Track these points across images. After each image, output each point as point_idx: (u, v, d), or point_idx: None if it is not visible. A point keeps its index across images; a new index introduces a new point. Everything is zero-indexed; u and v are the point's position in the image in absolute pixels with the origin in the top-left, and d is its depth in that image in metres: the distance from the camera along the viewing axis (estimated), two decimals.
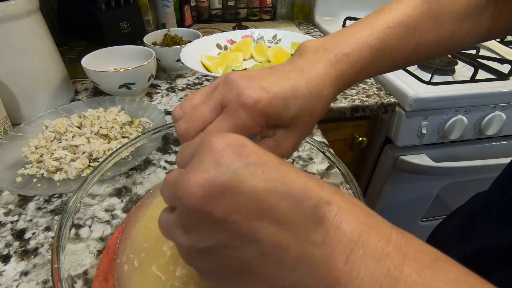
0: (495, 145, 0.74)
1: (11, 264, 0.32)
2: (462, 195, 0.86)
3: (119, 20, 0.79)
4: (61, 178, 0.40)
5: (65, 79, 0.59)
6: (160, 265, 0.27)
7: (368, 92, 0.66)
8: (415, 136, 0.68)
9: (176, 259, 0.28)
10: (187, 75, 0.72)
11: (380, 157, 0.76)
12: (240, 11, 1.11)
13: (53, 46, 0.56)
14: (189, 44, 0.57)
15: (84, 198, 0.28)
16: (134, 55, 0.63)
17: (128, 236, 0.30)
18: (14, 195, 0.40)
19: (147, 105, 0.54)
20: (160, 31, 0.73)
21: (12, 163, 0.42)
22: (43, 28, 0.54)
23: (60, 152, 0.41)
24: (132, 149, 0.33)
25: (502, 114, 0.66)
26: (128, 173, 0.36)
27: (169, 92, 0.65)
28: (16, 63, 0.49)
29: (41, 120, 0.48)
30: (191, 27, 0.98)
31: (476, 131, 0.70)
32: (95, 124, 0.46)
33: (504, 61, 0.72)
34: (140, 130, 0.49)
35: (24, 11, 0.48)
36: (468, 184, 0.81)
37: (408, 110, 0.63)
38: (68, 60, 0.78)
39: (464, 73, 0.70)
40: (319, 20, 1.08)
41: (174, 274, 0.27)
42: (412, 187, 0.78)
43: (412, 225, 0.89)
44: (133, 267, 0.28)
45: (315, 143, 0.33)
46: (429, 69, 0.71)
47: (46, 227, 0.36)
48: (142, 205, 0.34)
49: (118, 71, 0.54)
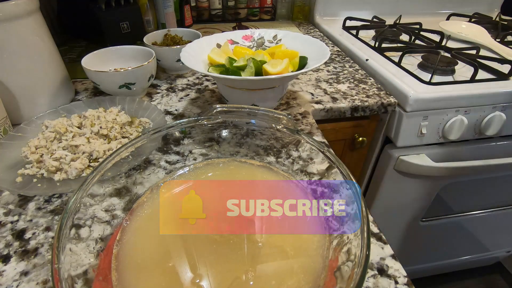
0: (495, 145, 0.74)
1: (11, 264, 0.32)
2: (462, 195, 0.87)
3: (119, 20, 0.79)
4: (61, 178, 0.40)
5: (65, 79, 0.59)
6: (160, 265, 0.27)
7: (368, 92, 0.66)
8: (415, 136, 0.68)
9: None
10: (187, 75, 0.72)
11: (380, 157, 0.76)
12: (240, 11, 1.11)
13: (53, 46, 0.56)
14: (189, 44, 0.57)
15: (84, 198, 0.28)
16: (134, 55, 0.63)
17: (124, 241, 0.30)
18: (14, 195, 0.40)
19: (147, 105, 0.54)
20: (160, 31, 0.73)
21: (12, 163, 0.42)
22: (43, 28, 0.54)
23: (60, 152, 0.41)
24: (132, 149, 0.33)
25: (502, 114, 0.66)
26: (128, 173, 0.36)
27: (169, 92, 0.65)
28: (16, 63, 0.49)
29: (41, 120, 0.48)
30: (191, 27, 0.98)
31: (476, 131, 0.70)
32: (95, 124, 0.46)
33: (504, 61, 0.71)
34: (140, 130, 0.49)
35: (24, 11, 0.48)
36: (468, 184, 0.81)
37: (408, 110, 0.63)
38: (68, 60, 0.78)
39: (464, 73, 0.70)
40: (319, 20, 1.08)
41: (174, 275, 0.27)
42: (412, 187, 0.78)
43: (412, 225, 0.89)
44: (132, 268, 0.28)
45: (315, 143, 0.33)
46: (429, 69, 0.71)
47: (46, 227, 0.36)
48: (139, 206, 0.34)
49: (118, 71, 0.54)
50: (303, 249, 0.30)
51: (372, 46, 0.84)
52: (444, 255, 1.09)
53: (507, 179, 0.82)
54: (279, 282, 0.27)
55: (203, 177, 0.38)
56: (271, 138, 0.41)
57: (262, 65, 0.50)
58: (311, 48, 0.55)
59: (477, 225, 0.97)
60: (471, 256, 1.13)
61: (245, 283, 0.26)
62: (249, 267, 0.28)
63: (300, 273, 0.27)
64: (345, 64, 0.80)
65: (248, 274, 0.27)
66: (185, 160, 0.42)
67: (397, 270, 0.33)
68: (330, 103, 0.62)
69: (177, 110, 0.59)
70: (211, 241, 0.30)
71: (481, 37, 0.89)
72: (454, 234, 0.99)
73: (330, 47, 0.89)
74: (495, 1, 1.17)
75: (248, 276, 0.27)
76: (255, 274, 0.27)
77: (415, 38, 0.90)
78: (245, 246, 0.29)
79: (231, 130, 0.41)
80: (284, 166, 0.39)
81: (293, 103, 0.61)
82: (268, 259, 0.29)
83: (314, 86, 0.68)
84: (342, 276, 0.25)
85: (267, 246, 0.30)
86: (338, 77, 0.73)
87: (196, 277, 0.27)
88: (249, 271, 0.27)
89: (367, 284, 0.31)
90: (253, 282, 0.27)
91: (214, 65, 0.54)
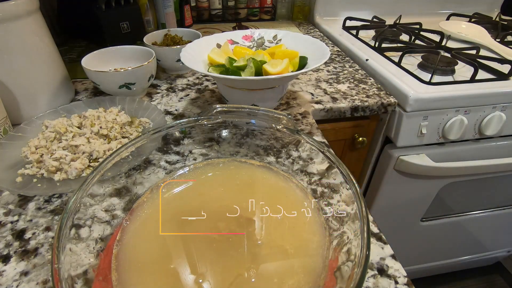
0: (495, 145, 0.74)
1: (11, 264, 0.32)
2: (462, 195, 0.87)
3: (119, 20, 0.79)
4: (61, 178, 0.40)
5: (65, 79, 0.59)
6: (159, 266, 0.27)
7: (368, 92, 0.66)
8: (415, 136, 0.68)
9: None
10: (187, 75, 0.72)
11: (380, 157, 0.76)
12: (240, 11, 1.11)
13: (53, 46, 0.56)
14: (189, 44, 0.57)
15: (84, 198, 0.28)
16: (134, 55, 0.63)
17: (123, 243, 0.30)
18: (14, 195, 0.40)
19: (147, 105, 0.54)
20: (160, 31, 0.73)
21: (12, 163, 0.42)
22: (43, 28, 0.54)
23: (60, 152, 0.41)
24: (132, 149, 0.33)
25: (502, 114, 0.66)
26: (128, 173, 0.36)
27: (169, 92, 0.65)
28: (16, 63, 0.49)
29: (41, 120, 0.48)
30: (191, 27, 0.98)
31: (476, 131, 0.70)
32: (95, 124, 0.46)
33: (504, 61, 0.71)
34: (140, 130, 0.49)
35: (24, 11, 0.48)
36: (468, 184, 0.81)
37: (408, 110, 0.63)
38: (68, 60, 0.78)
39: (464, 73, 0.70)
40: (319, 20, 1.08)
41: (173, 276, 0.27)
42: (412, 187, 0.78)
43: (412, 225, 0.89)
44: (133, 268, 0.28)
45: (315, 143, 0.33)
46: (429, 69, 0.71)
47: (46, 227, 0.36)
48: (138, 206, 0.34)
49: (118, 71, 0.54)
50: (303, 249, 0.30)
51: (372, 46, 0.84)
52: (444, 255, 1.09)
53: (507, 179, 0.82)
54: (281, 281, 0.27)
55: (203, 177, 0.39)
56: (271, 138, 0.41)
57: (262, 65, 0.50)
58: (311, 48, 0.55)
59: (477, 225, 0.97)
60: (471, 256, 1.12)
61: (247, 280, 0.27)
62: (251, 264, 0.28)
63: (300, 273, 0.27)
64: (345, 64, 0.80)
65: (250, 271, 0.27)
66: (185, 160, 0.42)
67: (397, 270, 0.33)
68: (330, 103, 0.62)
69: (177, 110, 0.59)
70: (211, 240, 0.30)
71: (481, 37, 0.89)
72: (454, 234, 0.98)
73: (330, 47, 0.89)
74: (495, 1, 1.17)
75: (250, 273, 0.27)
76: (257, 271, 0.27)
77: (415, 38, 0.90)
78: (245, 245, 0.29)
79: (231, 130, 0.41)
80: (284, 166, 0.39)
81: (293, 103, 0.61)
82: (268, 257, 0.29)
83: (314, 86, 0.68)
84: (342, 276, 0.25)
85: (267, 245, 0.30)
86: (338, 77, 0.73)
87: (197, 276, 0.27)
88: (251, 268, 0.27)
89: (367, 284, 0.31)
90: (255, 279, 0.27)
91: (214, 65, 0.54)
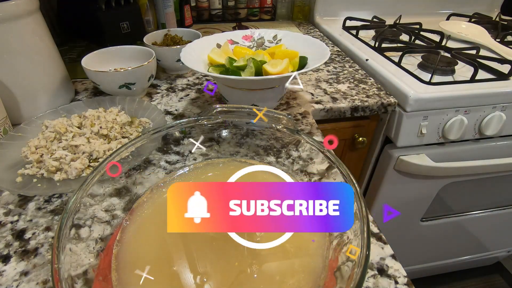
0: (495, 145, 0.74)
1: (11, 264, 0.32)
2: (462, 195, 0.87)
3: (119, 20, 0.79)
4: (61, 178, 0.40)
5: (65, 79, 0.59)
6: (158, 267, 0.27)
7: (368, 92, 0.66)
8: (415, 136, 0.68)
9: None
10: (187, 75, 0.72)
11: (380, 157, 0.76)
12: (240, 11, 1.11)
13: (53, 46, 0.56)
14: (189, 44, 0.57)
15: (84, 198, 0.28)
16: (134, 55, 0.63)
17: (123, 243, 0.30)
18: (14, 195, 0.40)
19: (147, 105, 0.54)
20: (160, 31, 0.73)
21: (12, 163, 0.42)
22: (43, 28, 0.54)
23: (60, 152, 0.41)
24: (132, 149, 0.33)
25: (502, 114, 0.66)
26: (128, 173, 0.36)
27: (169, 92, 0.65)
28: (16, 63, 0.49)
29: (41, 120, 0.48)
30: (191, 27, 0.98)
31: (476, 131, 0.70)
32: (95, 124, 0.46)
33: (504, 61, 0.71)
34: (140, 130, 0.49)
35: (24, 11, 0.48)
36: (468, 184, 0.81)
37: (408, 110, 0.63)
38: (68, 60, 0.78)
39: (464, 73, 0.70)
40: (319, 20, 1.08)
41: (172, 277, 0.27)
42: (412, 187, 0.78)
43: (412, 225, 0.89)
44: (133, 268, 0.27)
45: (315, 143, 0.33)
46: (429, 69, 0.71)
47: (46, 227, 0.36)
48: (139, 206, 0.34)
49: (118, 71, 0.54)
50: (303, 249, 0.30)
51: (372, 46, 0.84)
52: (444, 255, 1.09)
53: (507, 179, 0.82)
54: (282, 279, 0.27)
55: (203, 177, 0.38)
56: (271, 138, 0.41)
57: (262, 65, 0.50)
58: (311, 48, 0.55)
59: (477, 225, 0.97)
60: (471, 256, 1.12)
61: (249, 276, 0.27)
62: (252, 260, 0.28)
63: (300, 272, 0.27)
64: (345, 64, 0.80)
65: (253, 267, 0.27)
66: (185, 160, 0.42)
67: (397, 270, 0.33)
68: (330, 103, 0.62)
69: (177, 110, 0.59)
70: (210, 239, 0.30)
71: (481, 37, 0.89)
72: (454, 234, 0.98)
73: (330, 47, 0.89)
74: (495, 1, 1.17)
75: (253, 269, 0.27)
76: (259, 267, 0.27)
77: (415, 38, 0.90)
78: None
79: (231, 130, 0.41)
80: (284, 166, 0.39)
81: (293, 103, 0.61)
82: (268, 256, 0.29)
83: (314, 86, 0.68)
84: (342, 276, 0.25)
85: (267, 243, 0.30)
86: (338, 77, 0.73)
87: (198, 275, 0.27)
88: (253, 264, 0.27)
89: (367, 284, 0.31)
90: (257, 275, 0.27)
91: (214, 65, 0.54)
